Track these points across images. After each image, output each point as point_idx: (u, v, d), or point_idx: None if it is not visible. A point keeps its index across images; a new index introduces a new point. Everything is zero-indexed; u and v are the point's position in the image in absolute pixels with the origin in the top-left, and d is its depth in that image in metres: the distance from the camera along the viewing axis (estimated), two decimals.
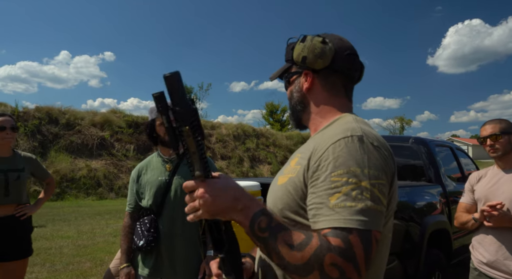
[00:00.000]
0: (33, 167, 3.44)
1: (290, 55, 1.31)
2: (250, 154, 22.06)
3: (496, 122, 2.57)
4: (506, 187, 2.49)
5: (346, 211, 0.95)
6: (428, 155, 4.59)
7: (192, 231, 2.55)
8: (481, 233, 2.57)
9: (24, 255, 3.28)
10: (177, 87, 0.98)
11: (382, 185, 1.01)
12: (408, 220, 3.73)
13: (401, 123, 49.32)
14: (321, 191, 1.01)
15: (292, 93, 1.34)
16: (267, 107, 38.40)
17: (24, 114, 16.36)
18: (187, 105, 0.98)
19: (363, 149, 1.03)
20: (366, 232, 0.94)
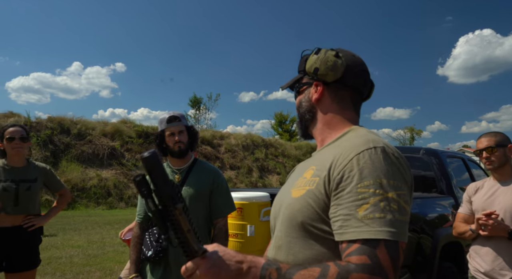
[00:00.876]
0: (46, 178, 3.43)
1: (302, 66, 1.34)
2: (259, 164, 22.04)
3: (492, 135, 2.66)
4: (502, 198, 2.56)
5: (376, 223, 0.96)
6: (440, 166, 4.53)
7: (202, 237, 2.54)
8: (478, 243, 2.66)
9: (32, 266, 3.26)
10: (157, 167, 0.97)
11: (405, 196, 1.02)
12: (419, 232, 3.67)
13: (411, 133, 48.92)
14: (348, 202, 1.01)
15: (301, 102, 1.35)
16: (276, 117, 38.41)
17: (37, 124, 16.56)
18: (170, 184, 0.98)
19: (387, 161, 1.04)
20: (394, 243, 0.95)
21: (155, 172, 0.96)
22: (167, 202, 0.96)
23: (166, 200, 0.96)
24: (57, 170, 15.38)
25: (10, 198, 3.13)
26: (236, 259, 1.00)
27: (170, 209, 0.96)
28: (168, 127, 2.57)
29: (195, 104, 32.79)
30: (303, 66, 1.33)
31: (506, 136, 2.66)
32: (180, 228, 0.98)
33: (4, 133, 3.20)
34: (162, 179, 0.97)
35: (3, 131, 3.22)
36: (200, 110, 32.84)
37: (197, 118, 32.55)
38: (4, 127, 3.27)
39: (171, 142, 2.56)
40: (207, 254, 1.01)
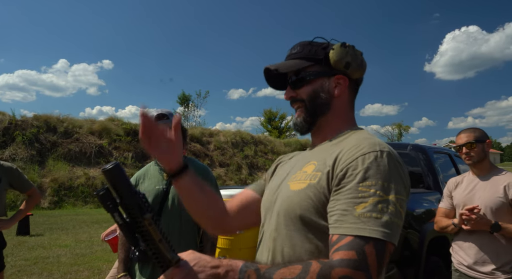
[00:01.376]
0: (11, 178, 3.23)
1: (321, 54, 1.27)
2: (248, 161, 22.05)
3: (471, 131, 2.74)
4: (481, 193, 2.64)
5: (372, 222, 0.98)
6: (427, 162, 4.57)
7: (189, 240, 2.54)
8: (461, 237, 2.73)
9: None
10: (120, 178, 0.95)
11: (402, 201, 1.04)
12: (407, 227, 3.71)
13: (399, 129, 49.24)
14: (347, 198, 1.03)
15: (316, 93, 1.26)
16: (265, 114, 38.39)
17: (22, 122, 16.35)
18: (136, 194, 0.96)
19: (391, 165, 1.06)
20: (382, 243, 0.97)
21: (119, 183, 0.95)
22: (134, 213, 0.95)
23: (134, 212, 0.95)
24: (43, 168, 15.22)
25: None
26: (212, 264, 1.00)
27: (138, 220, 0.95)
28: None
29: (183, 101, 32.65)
30: (322, 54, 1.26)
31: (484, 132, 2.74)
32: (151, 239, 0.96)
33: None
34: (127, 190, 0.95)
35: None
36: (189, 108, 32.70)
37: (186, 116, 32.42)
38: None
39: None
40: (181, 262, 1.00)
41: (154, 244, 0.97)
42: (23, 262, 6.43)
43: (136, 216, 0.95)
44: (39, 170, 15.15)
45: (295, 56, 1.30)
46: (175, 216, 2.50)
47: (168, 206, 2.51)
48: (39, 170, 15.13)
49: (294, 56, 1.30)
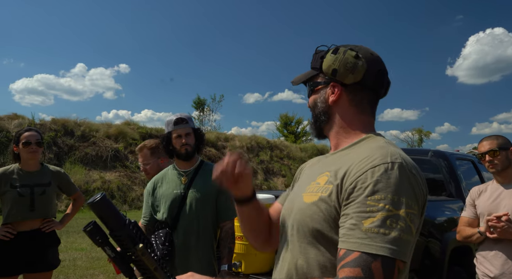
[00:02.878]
0: (60, 181, 3.44)
1: (318, 64, 1.26)
2: (264, 166, 22.00)
3: (494, 138, 2.68)
4: (507, 202, 2.56)
5: (379, 238, 0.94)
6: (449, 169, 4.47)
7: (207, 245, 2.51)
8: (486, 247, 2.65)
9: (50, 267, 3.32)
10: (108, 210, 0.93)
11: (414, 215, 1.00)
12: (427, 236, 3.63)
13: (420, 135, 48.46)
14: (355, 212, 1.00)
15: (316, 102, 1.29)
16: (281, 119, 38.26)
17: (41, 126, 16.57)
18: (126, 224, 0.94)
19: (402, 177, 1.02)
20: (390, 261, 0.93)
21: (108, 216, 0.93)
22: (127, 244, 0.93)
23: (125, 243, 0.93)
24: None
25: (26, 203, 3.16)
26: None
27: (131, 251, 0.93)
28: (175, 129, 2.54)
29: (199, 105, 32.73)
30: (319, 64, 1.26)
31: (508, 139, 2.68)
32: (146, 268, 0.95)
33: (20, 138, 3.23)
34: (117, 222, 0.93)
35: (19, 135, 3.25)
36: (204, 112, 32.79)
37: (201, 120, 32.53)
38: (19, 131, 3.31)
39: (178, 144, 2.54)
40: None
41: (150, 273, 0.96)
42: None
43: (129, 247, 0.93)
44: None
45: (311, 66, 1.32)
46: (193, 221, 2.49)
47: (186, 211, 2.49)
48: None
49: (311, 66, 1.32)
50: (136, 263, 0.95)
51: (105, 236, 0.94)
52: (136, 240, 0.93)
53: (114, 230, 0.93)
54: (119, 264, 0.95)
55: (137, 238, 0.93)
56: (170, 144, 2.58)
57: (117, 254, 0.95)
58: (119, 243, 0.94)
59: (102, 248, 0.94)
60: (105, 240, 0.94)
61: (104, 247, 0.94)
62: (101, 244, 0.94)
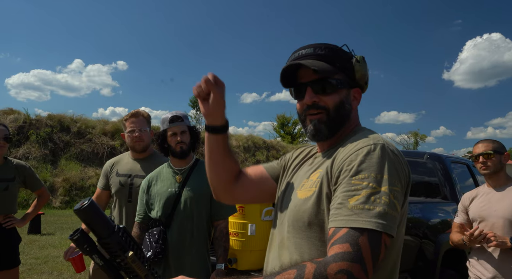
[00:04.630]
0: (24, 176, 3.32)
1: (346, 64, 1.24)
2: None
3: (490, 142, 2.74)
4: (498, 206, 2.60)
5: (364, 213, 0.98)
6: (444, 171, 4.48)
7: (201, 244, 2.51)
8: (478, 250, 2.69)
9: (13, 265, 3.22)
10: (96, 217, 0.90)
11: (397, 192, 1.04)
12: (421, 237, 3.63)
13: (415, 138, 48.50)
14: (342, 192, 1.04)
15: (343, 103, 1.23)
16: (278, 119, 38.28)
17: (37, 122, 16.52)
18: (113, 231, 0.91)
19: (384, 157, 1.06)
20: (377, 235, 0.96)
21: (95, 223, 0.90)
22: (116, 252, 0.90)
23: (115, 250, 0.90)
24: (56, 168, 15.35)
25: None
26: None
27: (121, 258, 0.91)
28: (170, 127, 2.54)
29: (195, 104, 32.69)
30: (350, 66, 1.24)
31: (503, 145, 2.73)
32: (137, 275, 0.93)
33: None
34: (105, 228, 0.90)
35: None
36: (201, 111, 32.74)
37: (197, 119, 32.49)
38: None
39: (173, 142, 2.53)
40: None
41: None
42: (33, 260, 6.45)
43: (118, 254, 0.91)
44: (52, 169, 15.28)
45: (322, 58, 1.23)
46: (187, 219, 2.48)
47: (181, 209, 2.49)
48: (52, 170, 15.26)
49: (321, 58, 1.23)
50: (127, 271, 0.93)
51: (93, 244, 0.92)
52: (126, 247, 0.91)
53: (103, 237, 0.90)
54: (109, 272, 0.93)
55: (127, 245, 0.91)
56: (165, 142, 2.57)
57: (106, 262, 0.92)
58: (108, 250, 0.92)
59: (90, 256, 0.91)
60: (93, 248, 0.92)
61: (92, 255, 0.91)
62: (89, 253, 0.91)
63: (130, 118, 3.06)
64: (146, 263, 0.95)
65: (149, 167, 2.97)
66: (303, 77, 1.26)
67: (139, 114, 3.08)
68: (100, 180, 3.14)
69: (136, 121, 3.04)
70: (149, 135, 3.09)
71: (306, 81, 1.24)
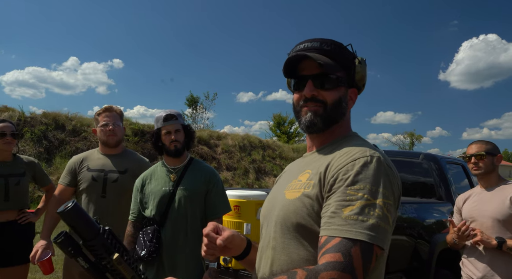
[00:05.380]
0: (34, 171, 3.40)
1: (350, 64, 1.26)
2: (256, 165, 21.97)
3: (483, 143, 2.78)
4: (488, 206, 2.65)
5: (358, 224, 0.99)
6: (439, 172, 4.49)
7: (195, 243, 2.50)
8: (470, 250, 2.74)
9: (26, 260, 3.23)
10: (80, 219, 0.89)
11: (390, 206, 1.05)
12: (416, 237, 3.64)
13: (411, 138, 48.59)
14: (336, 201, 1.04)
15: (341, 100, 1.25)
16: (275, 119, 38.25)
17: (31, 119, 16.43)
18: (98, 233, 0.90)
19: (380, 170, 1.08)
20: (369, 246, 0.97)
21: (80, 225, 0.89)
22: (101, 254, 0.90)
23: (100, 252, 0.89)
24: (50, 166, 15.27)
25: (0, 194, 3.12)
26: None
27: (107, 260, 0.90)
28: (164, 126, 2.53)
29: (192, 103, 32.61)
30: (351, 64, 1.26)
31: (496, 146, 2.76)
32: (123, 277, 0.92)
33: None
34: (90, 231, 0.89)
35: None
36: (197, 110, 32.68)
37: (194, 118, 32.43)
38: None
39: (167, 141, 2.52)
40: None
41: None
42: None
43: (104, 256, 0.90)
44: (46, 167, 15.19)
45: (327, 54, 1.23)
46: (181, 218, 2.48)
47: (175, 208, 2.48)
48: (46, 168, 15.18)
49: (326, 53, 1.23)
50: (113, 274, 0.92)
51: (77, 247, 0.91)
52: (111, 249, 0.90)
53: (88, 239, 0.89)
54: (94, 275, 0.92)
55: (112, 247, 0.90)
56: (159, 141, 2.56)
57: (91, 265, 0.91)
58: (93, 253, 0.91)
59: (75, 259, 0.90)
60: (78, 251, 0.90)
61: (77, 258, 0.90)
62: (73, 255, 0.90)
63: (103, 112, 3.08)
64: (133, 265, 0.94)
65: (121, 163, 2.98)
66: (304, 70, 1.26)
67: (112, 109, 3.10)
68: (63, 177, 3.10)
69: (109, 115, 3.06)
70: (122, 130, 3.11)
71: (308, 74, 1.24)
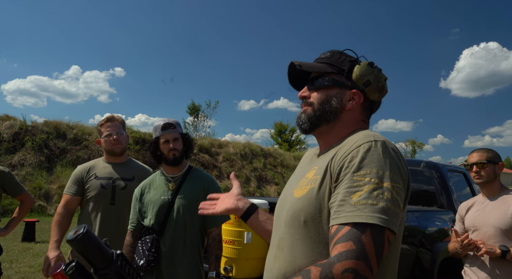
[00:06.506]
0: (2, 182, 3.14)
1: (345, 65, 1.29)
2: (257, 174, 21.94)
3: (484, 151, 2.76)
4: (491, 215, 2.63)
5: (368, 209, 0.98)
6: (440, 180, 4.47)
7: (194, 251, 2.49)
8: (472, 258, 2.72)
9: None
10: (91, 247, 0.85)
11: (399, 189, 1.04)
12: (418, 245, 3.62)
13: (413, 146, 48.59)
14: (344, 189, 1.04)
15: (329, 100, 1.28)
16: (276, 127, 38.29)
17: (33, 128, 16.46)
18: (112, 260, 0.86)
19: (386, 154, 1.07)
20: (380, 230, 0.97)
21: (91, 252, 0.85)
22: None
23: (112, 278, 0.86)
24: (51, 175, 15.27)
25: None
26: None
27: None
28: (162, 134, 2.53)
29: (193, 111, 32.68)
30: (346, 66, 1.28)
31: (498, 154, 2.75)
32: None
33: None
34: (102, 258, 0.85)
35: None
36: (198, 118, 32.73)
37: (195, 126, 32.46)
38: None
39: (166, 149, 2.52)
40: None
41: None
42: (27, 269, 6.38)
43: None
44: (47, 176, 15.20)
45: (322, 61, 1.31)
46: (180, 227, 2.46)
47: (173, 217, 2.47)
48: (47, 176, 15.18)
49: (321, 60, 1.32)
50: None
51: (89, 276, 0.87)
52: (125, 276, 0.87)
53: (100, 268, 0.85)
54: None
55: (126, 274, 0.87)
56: (157, 149, 2.56)
57: None
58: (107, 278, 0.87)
59: None
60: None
61: None
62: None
63: (105, 123, 3.07)
64: None
65: (127, 171, 3.01)
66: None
67: (114, 119, 3.09)
68: (70, 186, 3.05)
69: (112, 125, 3.06)
70: (125, 139, 3.11)
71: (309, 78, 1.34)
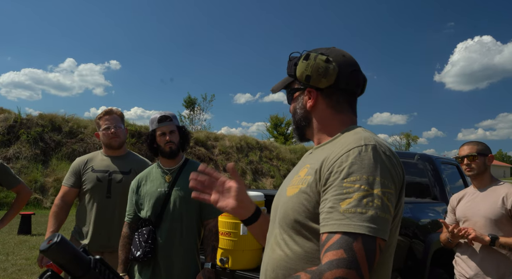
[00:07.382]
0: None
1: (292, 71, 1.30)
2: (253, 166, 21.98)
3: (474, 144, 2.83)
4: (481, 205, 2.69)
5: (357, 217, 0.96)
6: (434, 172, 4.52)
7: (190, 244, 2.52)
8: (463, 248, 2.79)
9: None
10: (67, 256, 0.82)
11: (391, 194, 1.02)
12: (411, 236, 3.66)
13: (407, 139, 48.81)
14: (333, 195, 1.02)
15: (295, 110, 1.33)
16: (272, 120, 38.31)
17: (28, 121, 16.39)
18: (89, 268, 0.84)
19: (376, 158, 1.04)
20: (371, 239, 0.95)
21: (68, 262, 0.83)
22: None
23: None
24: (47, 168, 15.24)
25: None
26: None
27: None
28: (159, 127, 2.54)
29: (189, 104, 32.62)
30: (293, 70, 1.29)
31: (488, 146, 2.81)
32: None
33: None
34: (79, 266, 0.83)
35: None
36: (194, 111, 32.68)
37: (191, 119, 32.42)
38: None
39: (162, 142, 2.53)
40: None
41: None
42: (23, 261, 6.42)
43: None
44: (43, 169, 15.17)
45: (287, 73, 1.35)
46: (177, 219, 2.48)
47: (170, 209, 2.49)
48: (43, 170, 15.16)
49: (287, 73, 1.35)
50: None
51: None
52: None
53: (78, 276, 0.83)
54: None
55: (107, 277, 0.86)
56: (154, 142, 2.57)
57: None
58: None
59: None
60: None
61: None
62: None
63: (104, 116, 3.07)
64: None
65: (125, 164, 3.03)
66: None
67: (112, 112, 3.09)
68: (68, 178, 3.04)
69: (110, 118, 3.07)
70: (124, 132, 3.11)
71: None
